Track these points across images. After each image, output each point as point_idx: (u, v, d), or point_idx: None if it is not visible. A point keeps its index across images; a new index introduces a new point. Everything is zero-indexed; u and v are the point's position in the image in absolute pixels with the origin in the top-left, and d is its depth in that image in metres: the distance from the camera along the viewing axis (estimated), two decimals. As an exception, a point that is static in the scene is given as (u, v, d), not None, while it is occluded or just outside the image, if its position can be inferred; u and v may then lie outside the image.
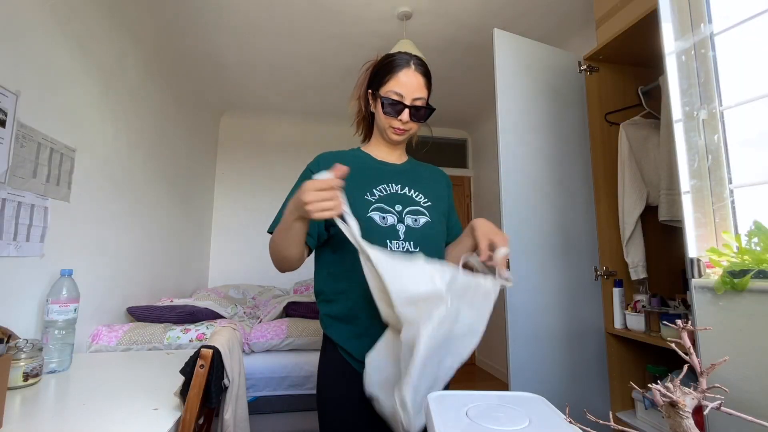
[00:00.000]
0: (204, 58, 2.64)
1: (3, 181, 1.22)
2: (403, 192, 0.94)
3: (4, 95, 1.22)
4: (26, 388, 1.07)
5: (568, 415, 0.45)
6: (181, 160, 2.80)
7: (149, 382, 1.15)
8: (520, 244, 1.59)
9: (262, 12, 2.19)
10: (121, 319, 1.95)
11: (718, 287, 0.91)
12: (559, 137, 1.76)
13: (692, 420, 0.33)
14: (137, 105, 2.13)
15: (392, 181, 0.94)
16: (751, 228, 0.92)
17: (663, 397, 0.34)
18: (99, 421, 0.87)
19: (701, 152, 1.06)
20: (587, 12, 2.11)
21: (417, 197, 0.94)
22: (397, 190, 0.93)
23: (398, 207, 0.91)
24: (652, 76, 1.78)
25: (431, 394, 0.56)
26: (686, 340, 0.36)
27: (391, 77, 0.91)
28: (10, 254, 1.25)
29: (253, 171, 3.71)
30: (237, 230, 3.62)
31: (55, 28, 1.46)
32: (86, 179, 1.66)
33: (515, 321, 1.53)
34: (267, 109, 3.60)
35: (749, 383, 0.85)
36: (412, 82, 0.91)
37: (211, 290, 2.84)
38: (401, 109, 0.91)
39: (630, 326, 1.61)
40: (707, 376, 0.34)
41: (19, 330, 1.20)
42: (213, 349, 0.99)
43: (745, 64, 1.06)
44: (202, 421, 1.02)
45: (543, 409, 0.52)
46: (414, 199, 0.94)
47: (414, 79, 0.92)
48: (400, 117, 0.92)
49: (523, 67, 1.72)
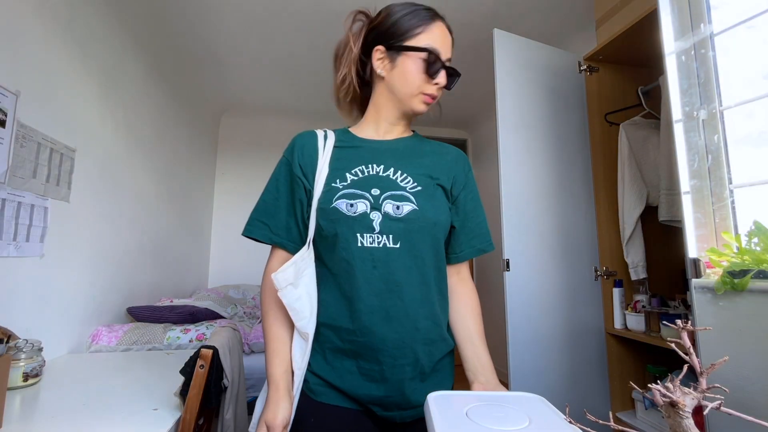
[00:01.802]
0: (204, 58, 2.64)
1: (3, 181, 1.22)
2: (386, 174, 0.74)
3: (4, 95, 1.22)
4: (26, 388, 1.07)
5: (568, 415, 0.45)
6: (181, 160, 2.80)
7: (149, 382, 1.15)
8: (520, 244, 1.59)
9: (262, 12, 2.19)
10: (121, 319, 1.95)
11: (718, 287, 0.91)
12: (559, 137, 1.76)
13: (692, 420, 0.33)
14: (137, 105, 2.13)
15: (373, 161, 0.75)
16: (751, 228, 0.92)
17: (663, 397, 0.34)
18: (99, 421, 0.87)
19: (701, 152, 1.06)
20: (587, 12, 2.11)
21: (402, 180, 0.73)
22: (378, 172, 0.74)
23: (375, 191, 0.71)
24: (652, 76, 1.78)
25: (431, 394, 0.56)
26: (686, 340, 0.36)
27: (423, 29, 0.74)
28: (10, 254, 1.25)
29: (253, 171, 3.71)
30: (237, 230, 3.57)
31: (55, 29, 1.46)
32: (86, 179, 1.66)
33: (515, 321, 1.53)
34: (267, 109, 3.60)
35: (749, 383, 0.85)
36: (447, 38, 0.76)
37: (211, 290, 2.84)
38: (439, 69, 0.74)
39: (630, 326, 1.61)
40: (707, 376, 0.34)
41: (18, 330, 1.20)
42: (213, 349, 0.99)
43: (745, 64, 1.06)
44: (202, 422, 1.02)
45: (543, 409, 0.52)
46: (397, 183, 0.73)
47: (447, 37, 0.76)
48: (436, 80, 0.74)
49: (523, 68, 1.72)
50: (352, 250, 0.69)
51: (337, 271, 0.72)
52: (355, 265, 0.69)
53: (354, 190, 0.72)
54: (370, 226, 0.69)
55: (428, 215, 0.72)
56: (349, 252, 0.69)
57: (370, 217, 0.70)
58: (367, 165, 0.75)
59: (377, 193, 0.71)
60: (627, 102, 1.85)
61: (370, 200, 0.71)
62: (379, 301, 0.69)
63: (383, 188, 0.72)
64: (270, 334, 0.75)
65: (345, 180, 0.73)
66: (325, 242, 0.73)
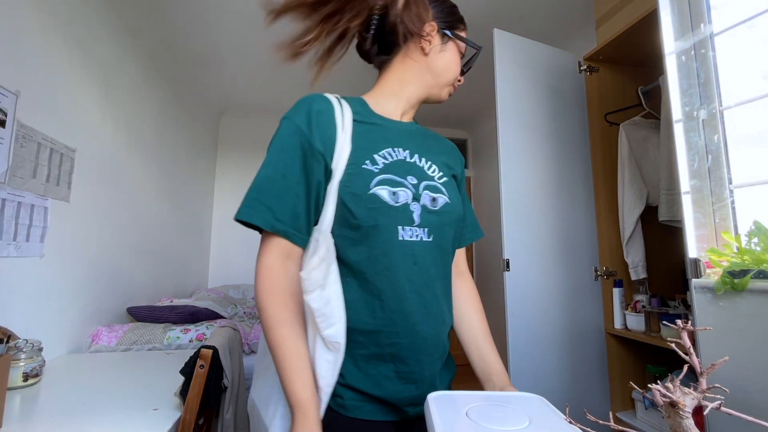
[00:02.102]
0: (204, 58, 2.64)
1: (3, 181, 1.22)
2: (412, 161, 0.68)
3: (4, 95, 1.22)
4: (26, 388, 1.07)
5: (568, 415, 0.45)
6: (181, 160, 2.80)
7: (149, 382, 1.15)
8: (520, 244, 1.59)
9: (262, 11, 2.19)
10: (121, 319, 1.95)
11: (718, 287, 0.91)
12: (559, 137, 1.76)
13: (692, 420, 0.33)
14: (137, 105, 2.13)
15: (398, 145, 0.68)
16: (751, 228, 0.92)
17: (663, 397, 0.34)
18: (99, 421, 0.87)
19: (701, 152, 1.06)
20: (587, 12, 2.11)
21: (429, 169, 0.69)
22: (405, 157, 0.67)
23: (411, 179, 0.65)
24: (652, 76, 1.78)
25: (431, 394, 0.55)
26: (686, 341, 0.36)
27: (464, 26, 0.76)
28: (10, 254, 1.25)
29: (253, 171, 3.66)
30: (237, 230, 3.61)
31: (55, 29, 1.46)
32: (86, 179, 1.66)
33: (515, 321, 1.53)
34: (267, 109, 3.60)
35: (749, 383, 0.85)
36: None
37: (211, 290, 2.84)
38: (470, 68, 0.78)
39: (630, 326, 1.61)
40: (707, 376, 0.34)
41: (18, 330, 1.20)
42: (213, 349, 0.99)
43: (745, 64, 1.06)
44: (202, 422, 1.02)
45: (543, 409, 0.52)
46: (425, 171, 0.68)
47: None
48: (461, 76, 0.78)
49: (523, 68, 1.72)
50: (393, 244, 0.62)
51: (364, 267, 0.62)
52: (395, 261, 0.62)
53: (393, 176, 0.64)
54: (410, 218, 0.63)
55: (456, 209, 0.70)
56: (389, 246, 0.62)
57: (410, 208, 0.64)
58: (394, 148, 0.67)
59: (414, 182, 0.66)
60: (627, 102, 1.85)
61: (411, 189, 0.64)
62: (419, 298, 0.64)
63: (418, 177, 0.67)
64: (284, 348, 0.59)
65: (376, 163, 0.64)
66: (353, 233, 0.62)
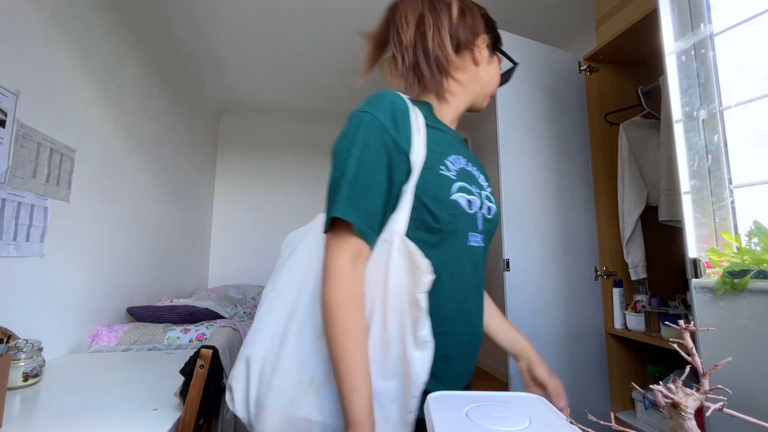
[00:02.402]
0: (204, 58, 2.64)
1: (3, 181, 1.22)
2: (470, 170, 0.68)
3: (4, 95, 1.22)
4: (26, 388, 1.07)
5: (569, 416, 0.45)
6: (181, 160, 2.80)
7: (149, 382, 1.15)
8: (520, 244, 1.59)
9: (262, 11, 2.19)
10: (121, 319, 1.95)
11: (718, 287, 0.91)
12: (559, 137, 1.76)
13: (694, 421, 0.33)
14: (137, 105, 2.13)
15: (459, 153, 0.69)
16: (751, 228, 0.92)
17: (665, 398, 0.34)
18: (99, 421, 0.87)
19: (701, 152, 1.06)
20: (587, 12, 2.11)
21: (480, 178, 0.70)
22: (464, 165, 0.68)
23: (475, 188, 0.66)
24: (652, 76, 1.78)
25: (431, 394, 0.55)
26: (689, 341, 0.36)
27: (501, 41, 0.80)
28: (10, 254, 1.25)
29: (253, 171, 3.71)
30: (237, 230, 3.62)
31: (55, 28, 1.46)
32: (86, 179, 1.65)
33: (515, 321, 1.53)
34: (267, 109, 3.60)
35: (749, 384, 0.85)
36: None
37: (211, 290, 2.84)
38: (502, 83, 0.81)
39: (630, 326, 1.61)
40: (709, 377, 0.34)
41: (18, 330, 1.20)
42: (213, 349, 0.99)
43: (745, 64, 1.06)
44: (202, 422, 1.02)
45: (543, 409, 0.52)
46: (479, 180, 0.69)
47: None
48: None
49: (523, 68, 1.72)
50: (464, 249, 0.65)
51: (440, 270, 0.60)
52: (464, 265, 0.65)
53: (465, 184, 0.64)
54: (476, 225, 0.66)
55: (498, 217, 0.74)
56: (462, 251, 0.64)
57: (477, 216, 0.66)
58: (457, 155, 0.67)
59: (478, 191, 0.67)
60: (627, 102, 1.84)
61: (478, 198, 0.66)
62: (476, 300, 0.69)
63: (478, 186, 0.68)
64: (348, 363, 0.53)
65: (449, 169, 0.64)
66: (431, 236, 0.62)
